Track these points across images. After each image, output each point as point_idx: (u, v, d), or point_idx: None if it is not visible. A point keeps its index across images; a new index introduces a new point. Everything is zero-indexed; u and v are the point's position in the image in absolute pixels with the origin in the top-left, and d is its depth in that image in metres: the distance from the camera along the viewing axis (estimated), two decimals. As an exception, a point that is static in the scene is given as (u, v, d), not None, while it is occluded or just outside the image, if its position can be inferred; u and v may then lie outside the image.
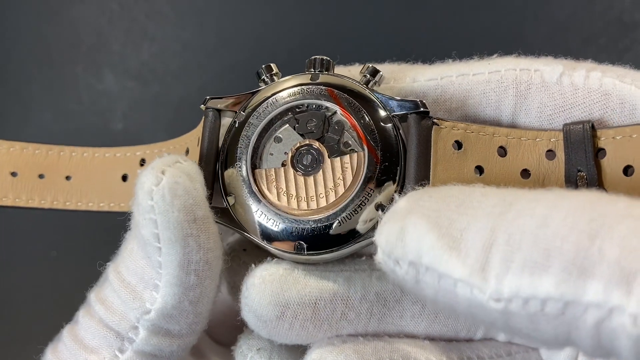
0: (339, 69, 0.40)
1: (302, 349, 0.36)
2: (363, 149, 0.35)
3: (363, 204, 0.35)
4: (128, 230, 0.36)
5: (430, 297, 0.29)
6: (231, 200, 0.36)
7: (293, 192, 0.36)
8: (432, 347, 0.36)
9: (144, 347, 0.35)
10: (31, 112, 0.73)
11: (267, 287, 0.34)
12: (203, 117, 0.37)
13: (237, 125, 0.37)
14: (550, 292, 0.25)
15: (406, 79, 0.38)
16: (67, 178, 0.42)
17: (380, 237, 0.31)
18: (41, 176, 0.42)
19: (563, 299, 0.25)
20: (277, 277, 0.35)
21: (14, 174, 0.41)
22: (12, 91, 0.73)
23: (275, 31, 0.72)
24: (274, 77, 0.37)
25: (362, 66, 0.38)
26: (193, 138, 0.39)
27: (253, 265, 0.35)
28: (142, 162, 0.41)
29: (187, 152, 0.39)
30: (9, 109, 0.73)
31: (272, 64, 0.38)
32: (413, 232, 0.29)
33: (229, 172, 0.36)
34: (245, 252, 0.40)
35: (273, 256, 0.36)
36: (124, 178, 0.41)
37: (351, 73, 0.39)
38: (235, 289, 0.38)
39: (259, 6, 0.72)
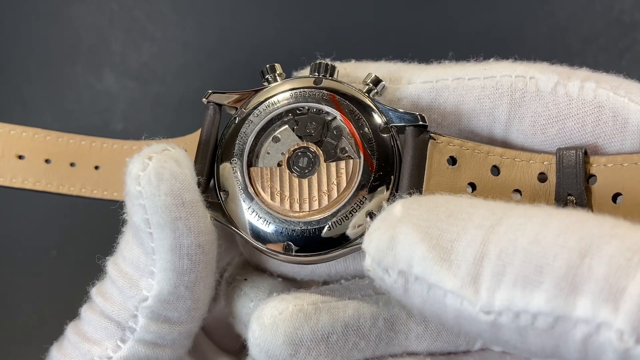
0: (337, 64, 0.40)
1: None
2: (359, 157, 0.36)
3: (355, 210, 0.35)
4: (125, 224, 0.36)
5: (417, 305, 0.30)
6: (224, 195, 0.36)
7: (287, 192, 0.36)
8: None
9: (144, 336, 0.35)
10: (31, 112, 0.73)
11: (280, 327, 0.34)
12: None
13: (236, 122, 0.37)
14: (542, 307, 0.26)
15: (402, 80, 0.38)
16: (96, 168, 0.43)
17: (370, 245, 0.31)
18: (72, 164, 0.43)
19: (554, 314, 0.25)
20: (287, 315, 0.35)
21: (47, 161, 0.43)
22: (12, 91, 0.73)
23: (275, 31, 0.72)
24: (278, 77, 0.38)
25: (358, 62, 0.39)
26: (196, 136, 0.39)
27: (260, 305, 0.35)
28: None
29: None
30: (9, 109, 0.73)
31: (276, 64, 0.38)
32: (404, 242, 0.29)
33: (224, 167, 0.36)
34: (247, 282, 0.39)
35: (276, 291, 0.37)
36: None
37: (347, 71, 0.39)
38: (236, 319, 0.39)
39: (259, 6, 0.72)
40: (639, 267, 0.24)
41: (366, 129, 0.36)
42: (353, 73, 0.39)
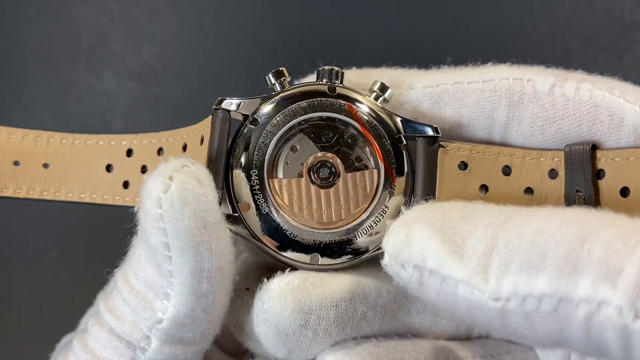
0: None
1: None
2: (379, 166, 0.36)
3: (378, 219, 0.36)
4: (134, 236, 0.35)
5: (432, 298, 0.31)
6: (244, 207, 0.36)
7: (309, 203, 0.36)
8: (438, 346, 0.37)
9: (156, 356, 0.34)
10: (31, 112, 0.73)
11: (289, 296, 0.34)
12: (211, 116, 0.36)
13: (249, 131, 0.36)
14: (545, 289, 0.27)
15: (403, 85, 0.39)
16: (45, 166, 0.40)
17: (388, 243, 0.32)
18: (16, 163, 0.39)
19: (557, 295, 0.27)
20: (295, 285, 0.35)
21: None
22: (12, 91, 0.73)
23: (275, 31, 0.72)
24: (285, 83, 0.37)
25: (359, 70, 0.39)
26: (193, 135, 0.38)
27: (265, 280, 0.35)
28: (129, 153, 0.40)
29: (185, 148, 0.38)
30: (9, 109, 0.73)
31: (282, 69, 0.37)
32: (419, 238, 0.31)
33: (240, 178, 0.36)
34: (248, 292, 0.38)
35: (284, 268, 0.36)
36: (108, 168, 0.40)
37: (349, 78, 0.39)
38: (238, 328, 0.38)
39: (259, 6, 0.72)
40: (635, 249, 0.26)
41: (384, 139, 0.36)
42: (355, 80, 0.39)
